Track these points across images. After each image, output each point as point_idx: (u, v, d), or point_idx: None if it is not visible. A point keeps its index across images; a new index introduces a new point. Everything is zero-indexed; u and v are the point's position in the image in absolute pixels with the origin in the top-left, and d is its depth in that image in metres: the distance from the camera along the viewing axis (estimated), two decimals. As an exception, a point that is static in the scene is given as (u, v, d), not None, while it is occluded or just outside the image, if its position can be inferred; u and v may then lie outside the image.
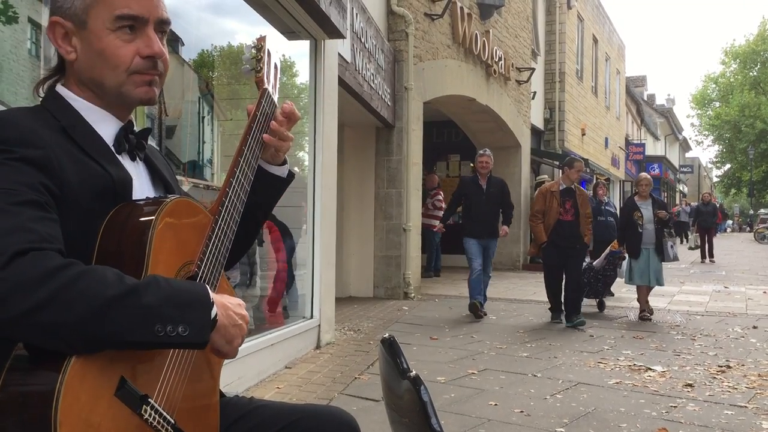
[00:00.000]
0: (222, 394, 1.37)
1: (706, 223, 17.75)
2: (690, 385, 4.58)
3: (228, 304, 1.17)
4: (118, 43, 1.22)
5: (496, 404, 4.02)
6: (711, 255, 17.52)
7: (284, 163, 1.54)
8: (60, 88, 1.27)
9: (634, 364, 5.19)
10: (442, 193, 12.45)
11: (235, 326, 1.17)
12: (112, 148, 1.26)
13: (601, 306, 8.33)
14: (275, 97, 1.49)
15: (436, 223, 11.89)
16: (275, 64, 1.52)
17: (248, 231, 1.49)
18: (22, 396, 0.98)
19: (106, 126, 1.27)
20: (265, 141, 1.43)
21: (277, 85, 1.52)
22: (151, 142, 4.64)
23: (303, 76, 6.05)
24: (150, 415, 1.08)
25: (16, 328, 0.97)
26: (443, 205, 12.42)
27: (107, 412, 1.02)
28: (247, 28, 5.61)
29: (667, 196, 42.32)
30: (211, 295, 1.12)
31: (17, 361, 1.01)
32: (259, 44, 1.46)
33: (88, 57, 1.23)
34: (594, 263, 7.99)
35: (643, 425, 3.69)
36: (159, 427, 1.10)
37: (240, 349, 4.10)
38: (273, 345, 4.70)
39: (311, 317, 5.59)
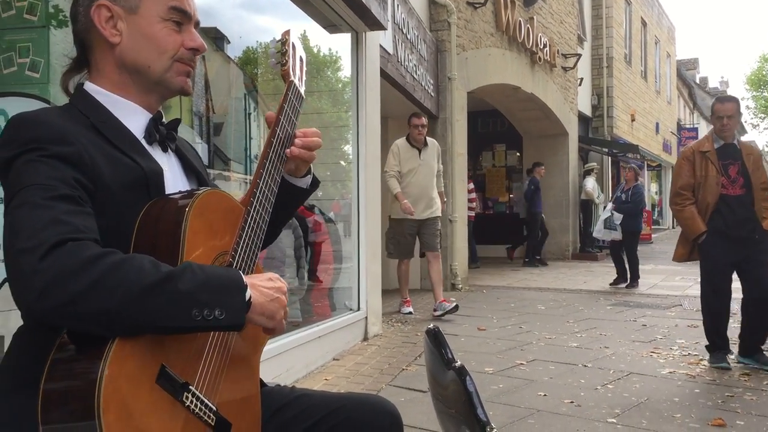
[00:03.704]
0: (263, 383, 1.39)
1: None
2: (747, 374, 4.44)
3: (257, 283, 1.17)
4: (167, 31, 1.29)
5: (545, 395, 3.98)
6: None
7: (308, 173, 1.54)
8: (88, 85, 1.30)
9: (689, 354, 5.07)
10: (472, 182, 12.32)
11: (272, 301, 1.17)
12: (143, 141, 1.29)
13: None
14: (302, 90, 1.52)
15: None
16: (301, 57, 1.54)
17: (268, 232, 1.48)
18: (66, 386, 1.00)
19: (135, 118, 1.30)
20: (288, 156, 1.43)
21: (304, 78, 1.55)
22: (199, 140, 4.67)
23: (347, 70, 6.07)
24: (192, 402, 1.10)
25: (57, 317, 1.00)
26: (473, 196, 12.29)
27: (149, 399, 1.04)
28: (289, 24, 5.63)
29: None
30: (244, 277, 1.14)
31: (60, 351, 1.03)
32: (284, 38, 1.50)
33: (135, 41, 1.27)
34: None
35: (698, 415, 3.60)
36: (201, 414, 1.12)
37: (288, 341, 4.11)
38: (320, 337, 4.74)
39: (358, 309, 5.62)
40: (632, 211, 9.23)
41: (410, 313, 6.86)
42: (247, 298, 1.12)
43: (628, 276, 9.35)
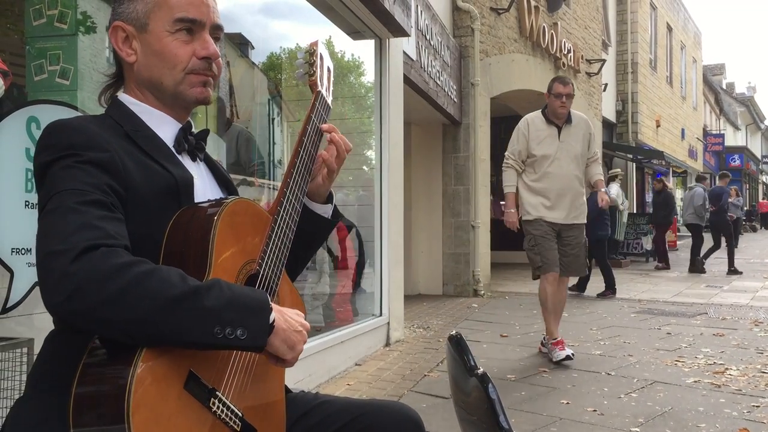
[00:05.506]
0: (288, 390, 1.40)
1: (656, 218, 13.31)
2: (774, 385, 4.38)
3: (286, 311, 1.19)
4: (176, 44, 1.29)
5: (568, 403, 3.95)
6: (664, 259, 13.02)
7: (329, 200, 1.53)
8: (122, 96, 1.33)
9: (714, 363, 5.01)
10: None
11: (295, 332, 1.18)
12: (173, 149, 1.32)
13: None
14: (329, 100, 1.53)
15: None
16: (328, 67, 1.56)
17: (290, 269, 1.43)
18: (97, 390, 1.02)
19: (165, 128, 1.33)
20: (322, 157, 1.45)
21: (331, 88, 1.56)
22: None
23: (370, 76, 6.10)
24: (218, 407, 1.11)
25: (81, 321, 1.01)
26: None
27: (177, 404, 1.06)
28: (312, 30, 5.70)
29: (749, 188, 40.61)
30: (270, 301, 1.14)
31: (91, 356, 1.05)
32: (312, 48, 1.51)
33: (147, 58, 1.30)
34: None
35: (722, 425, 3.56)
36: (227, 419, 1.13)
37: (310, 346, 4.14)
38: (343, 342, 4.75)
39: (380, 315, 5.63)
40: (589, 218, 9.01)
41: (569, 357, 4.88)
42: (270, 320, 1.12)
43: (609, 284, 9.21)
